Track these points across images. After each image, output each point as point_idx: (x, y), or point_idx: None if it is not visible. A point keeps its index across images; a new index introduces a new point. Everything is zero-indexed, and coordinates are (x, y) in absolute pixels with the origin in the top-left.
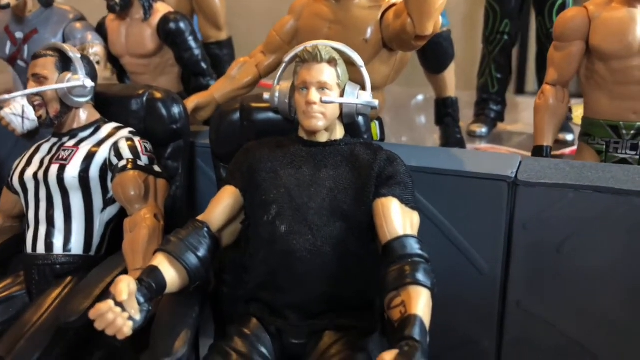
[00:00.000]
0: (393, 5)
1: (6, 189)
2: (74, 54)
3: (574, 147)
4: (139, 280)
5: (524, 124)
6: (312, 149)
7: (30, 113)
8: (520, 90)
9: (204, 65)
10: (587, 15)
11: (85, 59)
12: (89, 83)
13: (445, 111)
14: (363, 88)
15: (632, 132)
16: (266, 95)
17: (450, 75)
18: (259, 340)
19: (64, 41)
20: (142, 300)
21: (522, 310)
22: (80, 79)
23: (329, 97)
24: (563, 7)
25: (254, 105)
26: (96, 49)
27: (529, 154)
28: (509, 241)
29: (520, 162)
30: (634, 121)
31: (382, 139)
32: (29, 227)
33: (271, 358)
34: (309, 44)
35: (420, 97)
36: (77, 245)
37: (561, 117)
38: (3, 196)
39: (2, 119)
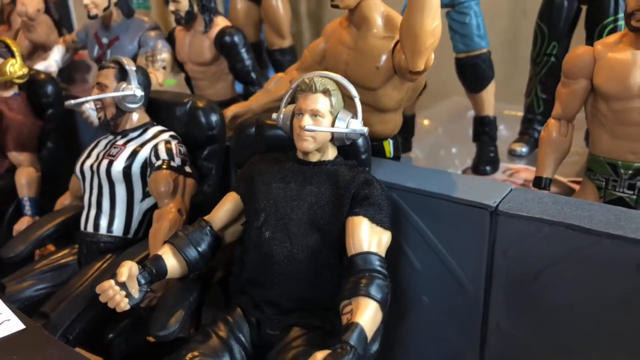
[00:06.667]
0: None
1: (74, 174)
2: (130, 67)
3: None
4: (143, 266)
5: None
6: (303, 167)
7: None
8: None
9: (253, 75)
10: (592, 55)
11: (140, 70)
12: (139, 92)
13: (482, 129)
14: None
15: (630, 172)
16: (274, 116)
17: (488, 95)
18: (239, 328)
19: (139, 47)
20: (142, 281)
21: (502, 332)
22: (132, 89)
23: (312, 126)
24: (614, 31)
25: (267, 122)
26: (164, 56)
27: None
28: (490, 265)
29: (510, 192)
30: (631, 161)
31: (397, 156)
32: (84, 209)
33: (247, 344)
34: (307, 75)
35: None
36: (118, 228)
37: (564, 150)
38: (72, 179)
39: (83, 113)
